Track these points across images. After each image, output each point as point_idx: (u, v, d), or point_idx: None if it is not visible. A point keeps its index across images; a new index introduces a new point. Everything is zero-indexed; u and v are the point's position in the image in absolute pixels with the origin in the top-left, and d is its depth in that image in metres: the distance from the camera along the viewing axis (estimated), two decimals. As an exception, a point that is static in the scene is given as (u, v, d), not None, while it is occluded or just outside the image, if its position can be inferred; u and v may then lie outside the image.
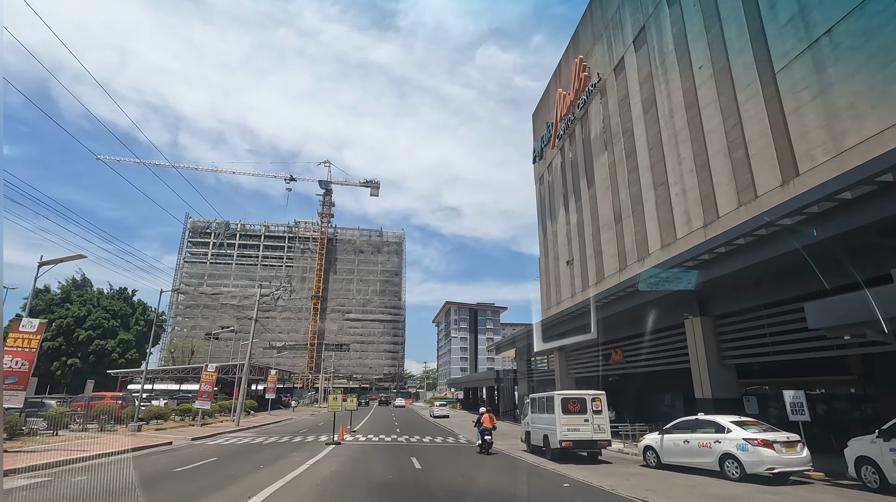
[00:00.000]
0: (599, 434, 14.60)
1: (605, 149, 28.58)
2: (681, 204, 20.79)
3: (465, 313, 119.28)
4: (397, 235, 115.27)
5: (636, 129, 24.87)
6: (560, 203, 35.88)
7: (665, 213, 21.99)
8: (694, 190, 19.89)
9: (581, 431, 14.43)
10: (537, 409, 16.54)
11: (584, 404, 14.77)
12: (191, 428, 24.36)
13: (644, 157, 23.99)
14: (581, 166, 32.01)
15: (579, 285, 31.58)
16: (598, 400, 15.02)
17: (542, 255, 40.17)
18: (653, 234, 22.93)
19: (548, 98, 39.69)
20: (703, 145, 19.36)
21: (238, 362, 28.71)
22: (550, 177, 38.50)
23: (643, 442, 14.11)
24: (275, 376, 42.16)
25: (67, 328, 49.16)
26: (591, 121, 30.83)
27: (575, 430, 14.39)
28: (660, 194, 22.52)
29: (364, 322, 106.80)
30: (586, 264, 30.66)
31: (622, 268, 25.80)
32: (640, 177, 24.31)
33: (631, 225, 25.05)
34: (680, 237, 20.59)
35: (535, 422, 16.67)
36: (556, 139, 36.47)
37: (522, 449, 17.83)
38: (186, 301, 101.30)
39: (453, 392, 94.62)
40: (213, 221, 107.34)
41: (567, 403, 14.68)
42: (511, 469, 13.20)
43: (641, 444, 14.23)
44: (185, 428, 24.72)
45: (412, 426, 30.96)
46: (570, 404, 14.70)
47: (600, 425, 14.69)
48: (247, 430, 25.60)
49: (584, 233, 31.21)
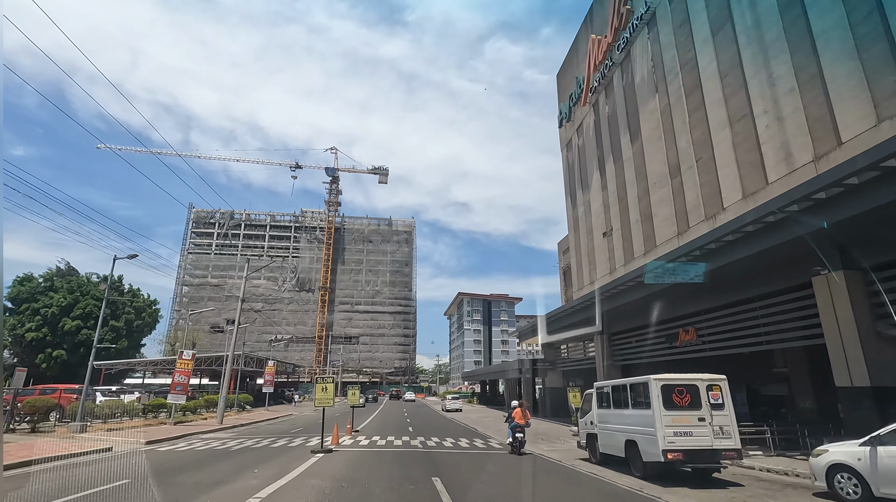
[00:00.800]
0: (723, 440, 9.60)
1: (654, 93, 23.72)
2: (774, 137, 15.95)
3: (479, 304, 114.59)
4: (407, 224, 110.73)
5: (702, 57, 19.99)
6: (593, 167, 31.05)
7: (748, 154, 17.17)
8: (796, 115, 15.05)
9: (695, 436, 9.53)
10: (610, 403, 11.84)
11: (695, 394, 9.79)
12: (160, 428, 20.20)
13: (714, 90, 19.15)
14: (621, 119, 27.17)
15: (620, 258, 26.82)
16: (718, 389, 9.94)
17: (571, 230, 35.42)
18: (729, 183, 18.11)
19: (576, 51, 34.77)
20: (812, 52, 14.49)
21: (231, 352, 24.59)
22: (581, 140, 33.67)
23: (825, 458, 8.39)
24: (272, 368, 38.08)
25: (52, 317, 45.54)
26: (634, 63, 25.94)
27: (685, 434, 9.48)
28: (739, 131, 17.68)
29: (374, 314, 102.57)
30: (630, 233, 25.88)
31: (682, 231, 21.02)
32: (709, 115, 19.48)
33: (694, 177, 20.25)
34: (774, 180, 15.77)
35: (606, 422, 12.00)
36: (589, 94, 31.62)
37: (581, 458, 13.26)
38: (190, 293, 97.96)
39: (467, 385, 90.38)
40: (217, 211, 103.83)
41: (670, 392, 9.82)
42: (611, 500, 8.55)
43: (821, 461, 8.45)
44: (153, 427, 20.57)
45: (428, 424, 26.40)
46: (674, 394, 9.79)
47: (723, 426, 9.65)
48: (228, 430, 21.40)
49: (626, 198, 26.42)
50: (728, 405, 9.95)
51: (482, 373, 63.55)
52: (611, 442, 11.62)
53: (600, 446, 12.08)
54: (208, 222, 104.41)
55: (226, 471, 10.48)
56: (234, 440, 17.17)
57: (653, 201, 23.64)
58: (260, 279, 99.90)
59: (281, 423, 26.29)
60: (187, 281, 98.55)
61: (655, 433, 9.59)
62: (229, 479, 9.59)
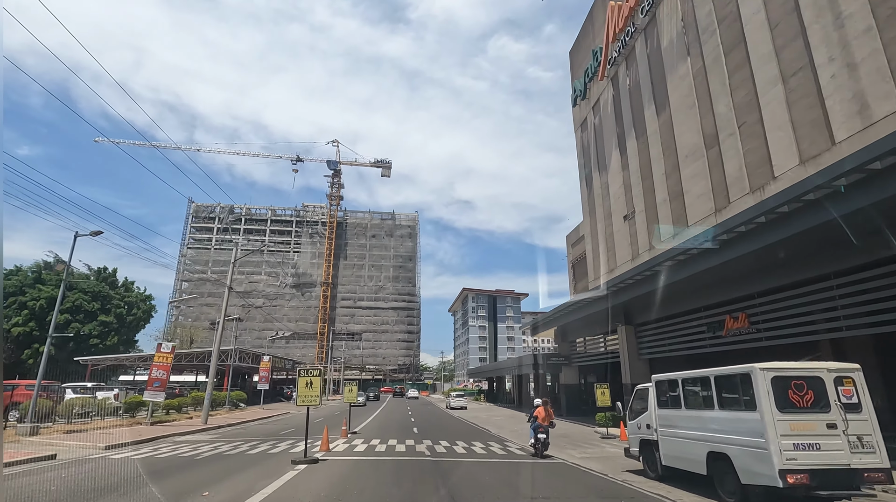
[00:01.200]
0: (864, 455, 6.81)
1: (685, 57, 21.25)
2: (843, 88, 13.49)
3: (484, 300, 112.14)
4: (410, 218, 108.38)
5: (745, 7, 17.53)
6: (612, 146, 28.60)
7: (806, 112, 14.71)
8: (874, 58, 12.60)
9: (824, 449, 6.77)
10: (680, 401, 9.02)
11: (819, 389, 7.08)
12: (133, 429, 18.02)
13: (762, 43, 16.67)
14: (645, 90, 24.72)
15: (644, 242, 24.41)
16: (851, 382, 7.17)
17: (587, 216, 32.98)
18: (782, 147, 15.66)
19: (592, 23, 32.29)
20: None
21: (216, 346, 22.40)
22: (597, 119, 31.21)
23: None
24: (268, 364, 35.88)
25: (40, 311, 43.51)
26: (661, 26, 23.46)
27: (811, 447, 6.73)
28: (795, 87, 15.22)
29: (376, 310, 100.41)
30: (655, 214, 23.46)
31: (720, 207, 18.60)
32: (755, 73, 17.01)
33: (736, 145, 17.80)
34: (844, 138, 13.33)
35: (672, 426, 9.22)
36: (607, 67, 29.15)
37: (631, 470, 10.77)
38: (190, 288, 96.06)
39: (473, 382, 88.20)
40: (217, 205, 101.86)
41: (785, 387, 7.05)
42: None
43: None
44: (125, 428, 18.40)
45: (435, 425, 24.01)
46: (791, 389, 7.03)
47: (862, 436, 6.86)
48: (211, 431, 19.19)
49: (650, 176, 24.00)
50: (867, 405, 7.12)
51: (489, 370, 61.24)
52: (681, 454, 8.87)
53: (663, 457, 9.35)
54: (208, 217, 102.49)
55: (170, 492, 8.12)
56: (210, 444, 14.93)
57: (684, 177, 21.21)
58: (261, 275, 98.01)
59: (273, 423, 24.07)
60: (187, 276, 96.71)
61: (767, 445, 6.76)
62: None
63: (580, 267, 40.94)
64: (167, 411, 23.63)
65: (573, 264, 42.70)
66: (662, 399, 9.57)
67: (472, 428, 22.68)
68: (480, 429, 21.55)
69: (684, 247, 14.84)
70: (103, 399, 21.34)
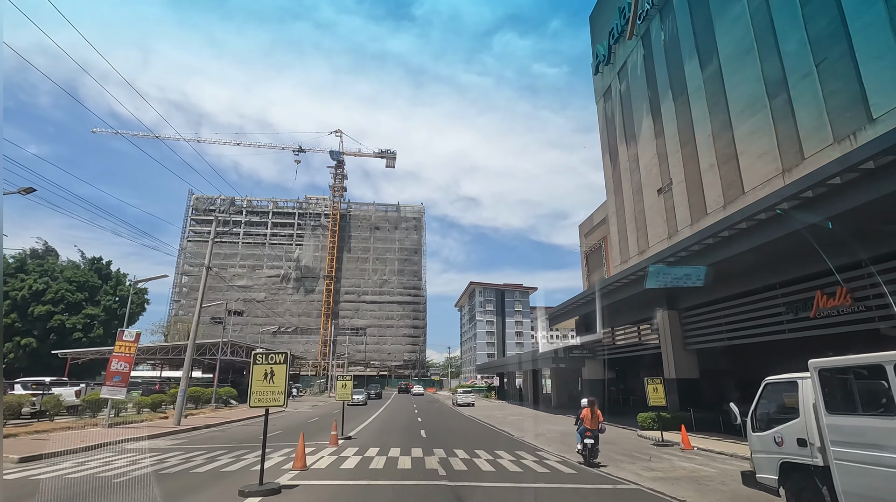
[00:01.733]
0: None
1: (739, -6, 17.94)
2: None
3: (492, 294, 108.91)
4: (416, 210, 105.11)
5: (827, -84, 14.20)
6: (643, 112, 25.32)
7: (925, 30, 11.42)
8: None
9: None
10: (880, 404, 5.11)
11: None
12: (82, 432, 15.10)
13: (852, -46, 13.36)
14: (685, 42, 21.45)
15: (684, 217, 21.17)
16: None
17: (611, 194, 29.71)
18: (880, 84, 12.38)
19: (617, -22, 28.94)
20: None
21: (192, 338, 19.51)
22: (623, 85, 27.92)
23: None
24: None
25: (22, 302, 40.88)
26: (706, -37, 20.13)
27: None
28: (905, 1, 11.92)
29: (381, 304, 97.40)
30: (699, 184, 20.23)
31: (789, 166, 15.35)
32: (841, -6, 13.71)
33: (814, 87, 14.52)
34: None
35: (860, 445, 5.25)
36: (636, 23, 25.82)
37: None
38: (190, 282, 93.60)
39: (480, 378, 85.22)
40: (218, 197, 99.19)
41: None
42: None
43: None
44: (75, 430, 15.49)
45: (445, 426, 20.77)
46: None
47: None
48: (180, 435, 16.26)
49: (692, 141, 20.75)
50: None
51: (498, 365, 58.09)
52: (886, 494, 4.93)
53: (843, 494, 5.42)
54: (209, 209, 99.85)
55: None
56: (161, 455, 11.93)
57: (737, 136, 17.93)
58: (262, 268, 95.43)
59: (259, 424, 21.09)
60: (187, 270, 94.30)
61: None
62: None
63: (594, 257, 37.74)
64: (139, 410, 20.76)
65: (587, 255, 39.52)
66: (837, 399, 5.81)
67: (490, 429, 19.58)
68: (499, 432, 18.44)
69: (769, 202, 11.58)
70: (56, 395, 18.44)
